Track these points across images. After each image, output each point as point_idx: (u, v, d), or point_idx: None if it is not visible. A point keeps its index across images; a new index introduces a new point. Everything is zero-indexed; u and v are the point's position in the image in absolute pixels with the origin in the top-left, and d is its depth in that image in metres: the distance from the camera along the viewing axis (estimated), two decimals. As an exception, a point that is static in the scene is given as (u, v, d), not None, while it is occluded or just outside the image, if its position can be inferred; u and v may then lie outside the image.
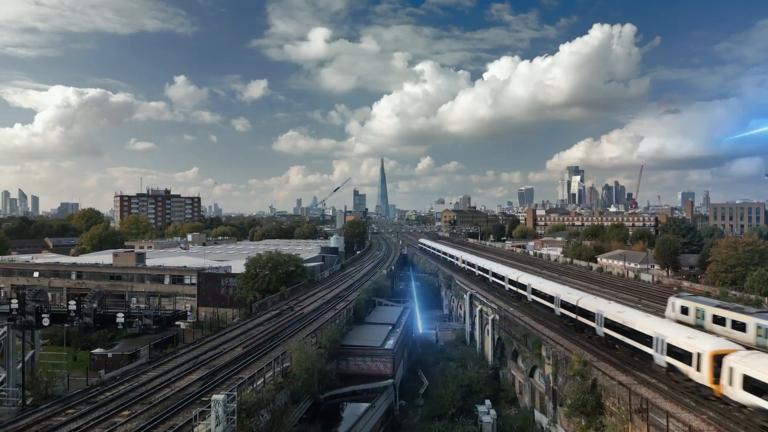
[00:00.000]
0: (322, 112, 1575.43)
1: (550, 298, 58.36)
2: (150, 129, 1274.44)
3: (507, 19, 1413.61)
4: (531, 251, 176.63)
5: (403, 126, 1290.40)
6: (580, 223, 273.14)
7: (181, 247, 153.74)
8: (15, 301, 28.03)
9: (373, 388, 45.96)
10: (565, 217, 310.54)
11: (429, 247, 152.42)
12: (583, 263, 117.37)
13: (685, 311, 49.45)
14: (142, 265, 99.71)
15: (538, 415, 45.83)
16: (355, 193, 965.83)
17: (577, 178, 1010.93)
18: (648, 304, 63.10)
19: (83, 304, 33.49)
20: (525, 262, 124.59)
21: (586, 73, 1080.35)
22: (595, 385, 35.06)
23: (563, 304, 54.76)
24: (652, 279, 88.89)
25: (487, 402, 48.28)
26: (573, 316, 51.75)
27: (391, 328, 58.02)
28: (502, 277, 78.11)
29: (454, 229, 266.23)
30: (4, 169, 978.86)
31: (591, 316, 48.03)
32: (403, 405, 51.04)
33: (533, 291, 64.48)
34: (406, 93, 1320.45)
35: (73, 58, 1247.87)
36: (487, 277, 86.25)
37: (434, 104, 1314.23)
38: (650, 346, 37.83)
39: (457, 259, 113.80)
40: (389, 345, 50.45)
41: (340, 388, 44.12)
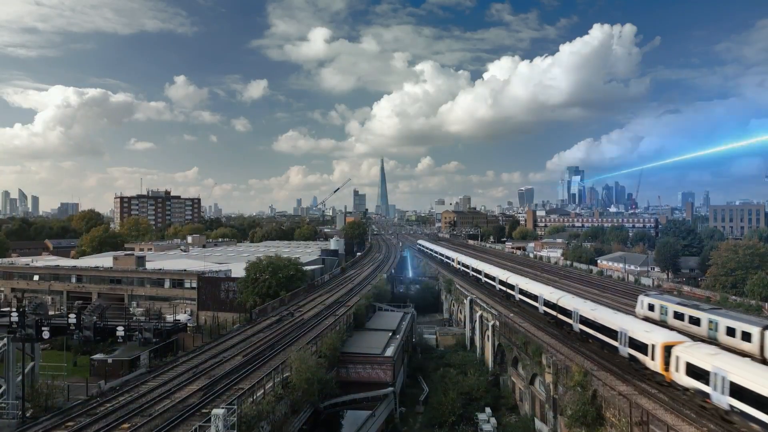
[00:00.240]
0: (322, 112, 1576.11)
1: (535, 297, 62.46)
2: (150, 129, 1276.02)
3: (507, 19, 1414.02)
4: (531, 253, 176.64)
5: (403, 126, 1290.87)
6: (580, 225, 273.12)
7: (181, 250, 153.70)
8: (15, 313, 28.02)
9: (374, 396, 45.94)
10: (565, 218, 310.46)
11: (427, 249, 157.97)
12: (583, 266, 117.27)
13: (652, 308, 53.39)
14: (142, 269, 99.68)
15: (539, 424, 45.78)
16: (355, 193, 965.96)
17: (577, 178, 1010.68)
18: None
19: (83, 317, 33.46)
20: (525, 265, 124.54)
21: (586, 73, 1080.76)
22: (596, 396, 35.04)
23: (546, 303, 58.89)
24: (653, 283, 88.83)
25: (488, 410, 48.32)
26: (554, 313, 55.87)
27: (391, 334, 57.94)
28: (493, 278, 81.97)
29: (455, 231, 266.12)
30: (4, 169, 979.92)
31: (569, 313, 52.26)
32: (403, 412, 51.05)
33: (520, 291, 68.36)
34: (406, 93, 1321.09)
35: (73, 58, 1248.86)
36: (480, 278, 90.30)
37: (434, 104, 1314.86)
38: (616, 340, 42.36)
39: (453, 260, 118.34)
40: (389, 352, 50.37)
41: (340, 397, 44.07)
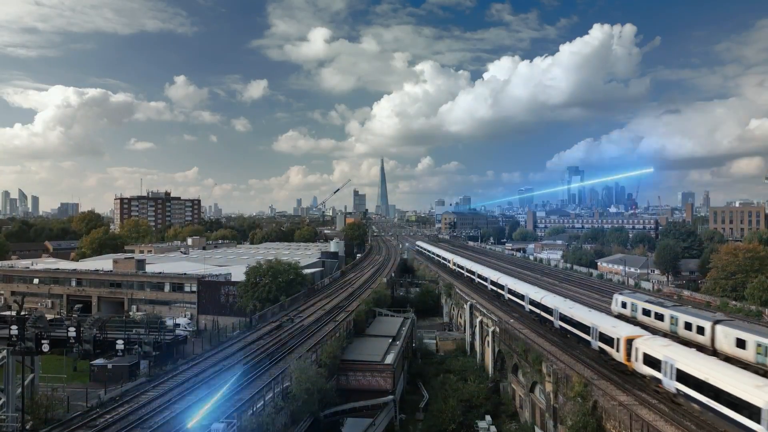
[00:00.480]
0: (322, 112, 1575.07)
1: (521, 297, 66.73)
2: (150, 129, 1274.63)
3: (507, 19, 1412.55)
4: (532, 255, 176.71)
5: (403, 126, 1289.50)
6: (580, 226, 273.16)
7: (181, 252, 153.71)
8: (15, 327, 28.02)
9: (374, 405, 45.90)
10: (565, 220, 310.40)
11: (425, 250, 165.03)
12: (583, 269, 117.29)
13: (624, 306, 58.68)
14: (142, 272, 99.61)
15: (539, 432, 45.82)
16: (355, 193, 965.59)
17: (577, 178, 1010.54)
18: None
19: (83, 329, 33.43)
20: (525, 268, 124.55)
21: (586, 73, 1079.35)
22: (596, 407, 35.02)
23: (531, 302, 63.27)
24: (653, 287, 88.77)
25: (488, 417, 48.29)
26: (538, 311, 60.45)
27: (391, 340, 57.91)
28: (485, 278, 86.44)
29: (455, 232, 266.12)
30: (4, 169, 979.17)
31: (550, 311, 56.62)
32: (404, 419, 51.02)
33: (509, 291, 72.61)
34: (406, 93, 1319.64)
35: (74, 58, 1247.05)
36: (473, 278, 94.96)
37: (434, 104, 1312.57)
38: (589, 335, 46.99)
39: (449, 261, 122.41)
40: (389, 360, 50.32)
41: (340, 405, 44.05)
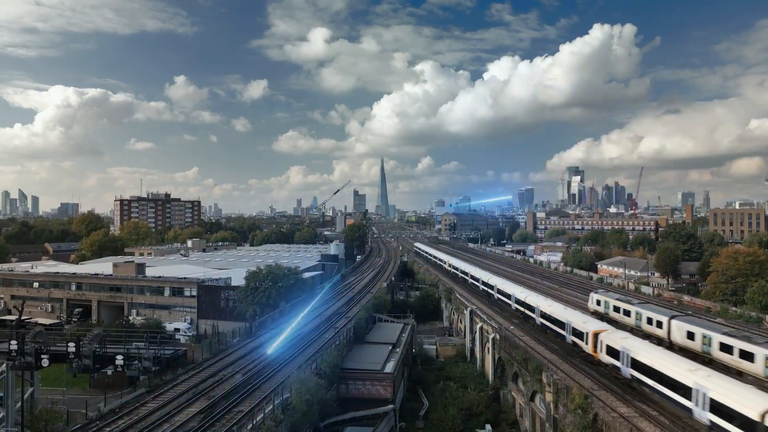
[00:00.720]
0: (322, 112, 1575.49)
1: (509, 296, 72.16)
2: (150, 129, 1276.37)
3: (507, 20, 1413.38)
4: (532, 257, 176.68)
5: (403, 126, 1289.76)
6: (580, 227, 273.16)
7: (181, 254, 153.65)
8: (14, 342, 27.97)
9: (374, 414, 45.86)
10: (565, 221, 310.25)
11: (422, 251, 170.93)
12: (583, 273, 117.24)
13: (599, 303, 64.58)
14: (142, 276, 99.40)
15: (539, 442, 45.82)
16: (355, 193, 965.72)
17: (577, 178, 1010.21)
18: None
19: (83, 344, 33.36)
20: (525, 271, 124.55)
21: (586, 74, 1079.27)
22: (597, 420, 34.97)
23: (516, 300, 68.61)
24: (653, 292, 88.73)
25: (488, 426, 48.28)
26: (522, 309, 66.06)
27: (391, 347, 57.83)
28: (477, 279, 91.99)
29: (455, 234, 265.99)
30: (4, 169, 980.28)
31: (533, 309, 61.95)
32: (404, 428, 50.96)
33: (498, 290, 77.86)
34: (406, 93, 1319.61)
35: (74, 58, 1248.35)
36: (467, 279, 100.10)
37: (434, 104, 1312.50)
38: (564, 330, 52.46)
39: (445, 262, 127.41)
40: (389, 368, 50.26)
41: (340, 415, 43.99)
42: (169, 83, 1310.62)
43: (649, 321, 54.05)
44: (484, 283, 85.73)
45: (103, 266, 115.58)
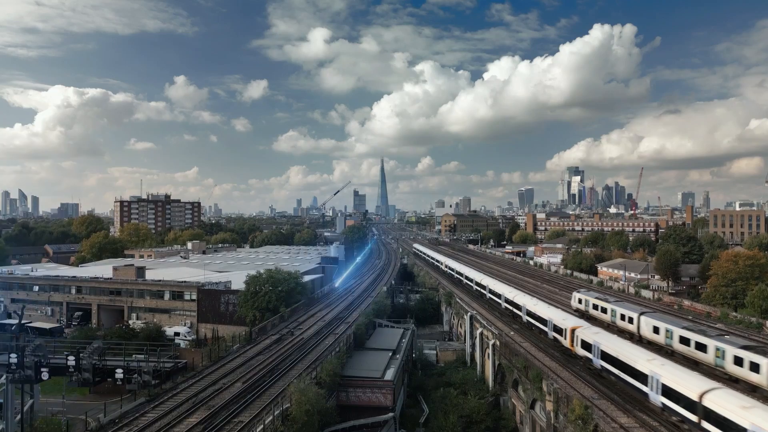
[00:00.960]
0: (322, 113, 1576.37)
1: (499, 295, 76.66)
2: (150, 129, 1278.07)
3: (507, 20, 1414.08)
4: (532, 258, 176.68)
5: (403, 126, 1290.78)
6: (580, 228, 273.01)
7: (182, 257, 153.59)
8: (14, 355, 27.95)
9: (374, 423, 45.80)
10: (566, 222, 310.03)
11: (421, 252, 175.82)
12: (583, 276, 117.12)
13: (580, 302, 69.84)
14: (142, 280, 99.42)
15: (539, 450, 45.80)
16: (356, 193, 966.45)
17: (577, 178, 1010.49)
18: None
19: (82, 358, 33.32)
20: (525, 274, 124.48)
21: (586, 74, 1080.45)
22: (597, 431, 34.89)
23: (506, 300, 72.98)
24: (653, 296, 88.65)
25: (488, 434, 48.14)
26: (511, 308, 70.70)
27: (391, 354, 57.72)
28: (471, 279, 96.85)
29: (455, 235, 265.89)
30: (4, 169, 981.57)
31: (520, 307, 66.93)
32: (404, 435, 50.89)
33: (490, 291, 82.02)
34: (406, 93, 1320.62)
35: (74, 58, 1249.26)
36: (462, 279, 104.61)
37: (434, 104, 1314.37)
38: (546, 326, 57.32)
39: (441, 263, 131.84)
40: (389, 375, 50.19)
41: (340, 424, 43.92)
42: (169, 83, 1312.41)
43: (623, 317, 59.18)
44: (478, 284, 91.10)
45: (103, 269, 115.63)
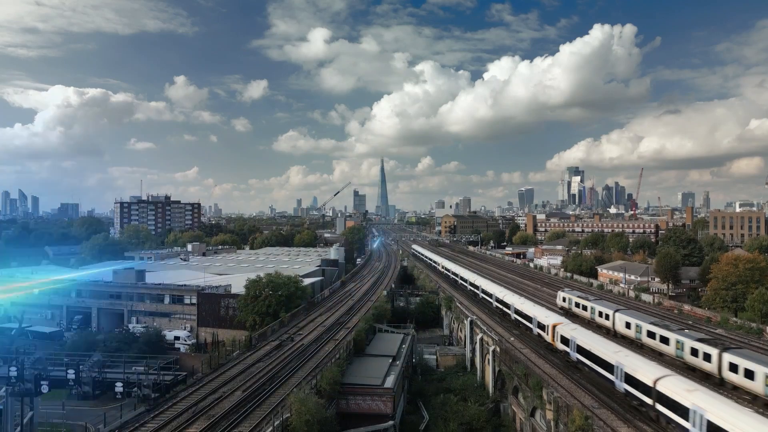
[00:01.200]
0: (322, 113, 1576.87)
1: (490, 295, 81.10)
2: (150, 129, 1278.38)
3: (507, 20, 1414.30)
4: (532, 259, 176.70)
5: (403, 126, 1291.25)
6: (580, 229, 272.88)
7: (182, 259, 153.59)
8: (14, 368, 27.89)
9: (374, 431, 45.76)
10: (566, 223, 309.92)
11: (419, 253, 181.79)
12: (583, 279, 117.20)
13: (564, 300, 75.14)
14: (142, 284, 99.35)
15: (539, 458, 45.80)
16: (356, 193, 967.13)
17: (577, 178, 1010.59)
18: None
19: (82, 371, 33.30)
20: (526, 277, 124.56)
21: (586, 74, 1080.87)
22: (597, 442, 34.90)
23: (497, 299, 77.53)
24: (653, 300, 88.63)
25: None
26: (501, 307, 75.33)
27: (391, 360, 57.62)
28: (465, 280, 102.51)
29: (455, 236, 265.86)
30: (4, 169, 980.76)
31: (509, 306, 71.52)
32: (404, 443, 50.84)
33: (483, 291, 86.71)
34: (406, 93, 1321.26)
35: (74, 58, 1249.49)
36: (457, 280, 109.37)
37: (434, 104, 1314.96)
38: (531, 323, 62.14)
39: (438, 264, 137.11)
40: (389, 383, 50.09)
41: (339, 432, 43.86)
42: (169, 83, 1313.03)
43: (600, 314, 64.07)
44: (472, 284, 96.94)
45: (104, 272, 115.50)
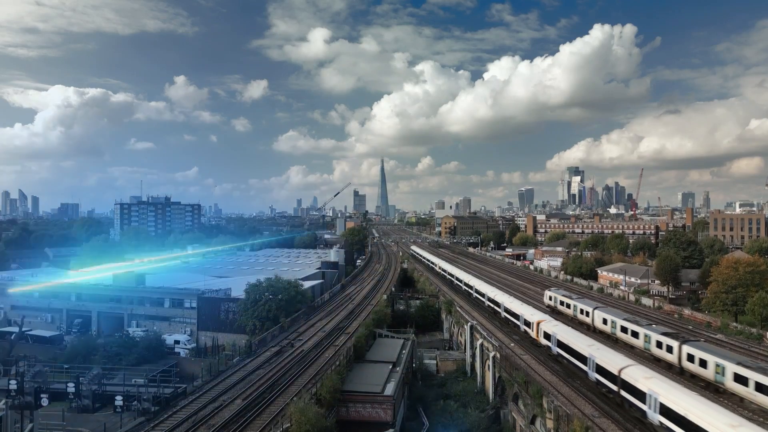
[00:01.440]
0: (322, 113, 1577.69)
1: (483, 294, 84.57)
2: (150, 129, 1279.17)
3: (507, 20, 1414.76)
4: (532, 261, 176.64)
5: (403, 126, 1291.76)
6: (580, 230, 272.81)
7: (182, 261, 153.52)
8: (14, 382, 27.87)
9: (374, 439, 45.72)
10: (566, 224, 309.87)
11: (417, 254, 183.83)
12: (583, 282, 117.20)
13: (551, 299, 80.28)
14: (142, 287, 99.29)
15: (539, 466, 45.82)
16: (356, 193, 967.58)
17: (577, 178, 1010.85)
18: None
19: (82, 384, 33.27)
20: (525, 280, 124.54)
21: (586, 74, 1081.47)
22: (597, 453, 34.91)
23: (489, 299, 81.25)
24: (653, 304, 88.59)
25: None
26: (493, 306, 78.88)
27: (391, 366, 57.64)
28: (461, 280, 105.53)
29: (455, 238, 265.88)
30: (4, 169, 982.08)
31: (499, 305, 75.31)
32: (404, 450, 50.80)
33: (476, 291, 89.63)
34: (406, 93, 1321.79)
35: (74, 58, 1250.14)
36: (453, 281, 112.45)
37: (434, 104, 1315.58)
38: (518, 320, 66.60)
39: (436, 265, 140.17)
40: (389, 390, 50.08)
41: (340, 441, 43.79)
42: (169, 83, 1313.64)
43: (581, 311, 69.31)
44: (466, 285, 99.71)
45: (104, 275, 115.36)
